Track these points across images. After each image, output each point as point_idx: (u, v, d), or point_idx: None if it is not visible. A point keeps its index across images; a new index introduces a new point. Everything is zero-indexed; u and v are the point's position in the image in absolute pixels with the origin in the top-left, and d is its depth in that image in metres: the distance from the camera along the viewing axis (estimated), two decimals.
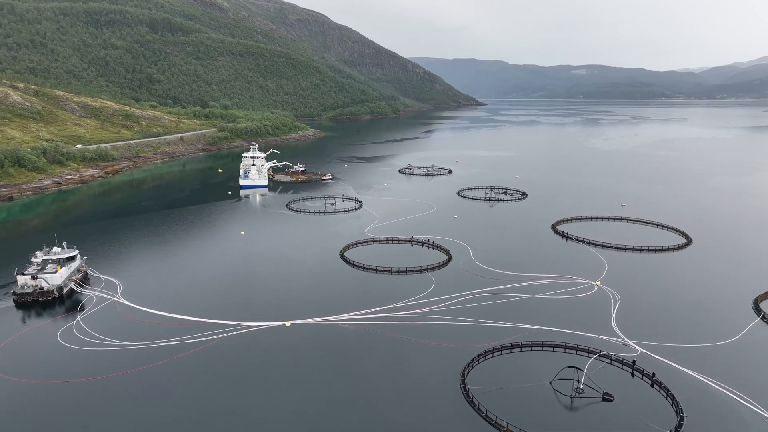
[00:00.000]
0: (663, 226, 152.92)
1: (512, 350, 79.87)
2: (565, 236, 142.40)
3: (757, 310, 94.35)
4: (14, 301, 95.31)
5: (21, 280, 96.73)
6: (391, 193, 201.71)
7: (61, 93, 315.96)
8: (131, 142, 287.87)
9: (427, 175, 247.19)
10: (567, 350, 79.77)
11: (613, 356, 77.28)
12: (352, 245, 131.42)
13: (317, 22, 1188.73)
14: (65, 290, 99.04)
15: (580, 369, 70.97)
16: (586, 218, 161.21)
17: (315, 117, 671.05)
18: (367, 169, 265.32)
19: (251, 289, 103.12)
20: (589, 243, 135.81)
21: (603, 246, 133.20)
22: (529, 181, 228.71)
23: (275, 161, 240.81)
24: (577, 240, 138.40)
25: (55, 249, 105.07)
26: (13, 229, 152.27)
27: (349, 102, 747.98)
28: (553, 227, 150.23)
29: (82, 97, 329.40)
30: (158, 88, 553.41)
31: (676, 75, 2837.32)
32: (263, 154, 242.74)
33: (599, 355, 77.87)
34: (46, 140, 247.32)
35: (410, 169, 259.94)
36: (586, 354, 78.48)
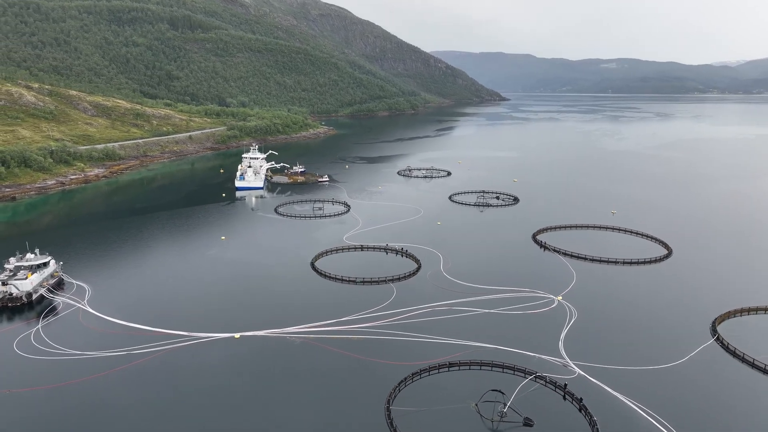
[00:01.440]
0: (647, 236, 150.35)
1: (450, 368, 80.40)
2: (543, 246, 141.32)
3: (714, 331, 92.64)
4: None
5: None
6: (383, 196, 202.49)
7: (74, 93, 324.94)
8: (139, 141, 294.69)
9: (426, 177, 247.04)
10: (505, 370, 79.97)
11: (547, 378, 77.18)
12: (326, 253, 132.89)
13: (339, 17, 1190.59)
14: (35, 296, 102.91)
15: (502, 392, 71.12)
16: (569, 227, 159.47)
17: (332, 113, 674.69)
18: (366, 171, 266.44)
19: (213, 299, 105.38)
20: (564, 254, 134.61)
21: (578, 257, 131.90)
22: (526, 185, 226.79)
23: (273, 162, 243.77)
24: (554, 250, 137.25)
25: (28, 255, 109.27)
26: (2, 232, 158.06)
27: (367, 98, 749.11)
28: (534, 236, 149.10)
29: (95, 96, 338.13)
30: (177, 84, 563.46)
31: (711, 69, 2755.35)
32: (263, 155, 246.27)
33: (535, 377, 77.86)
34: (56, 140, 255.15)
35: (409, 170, 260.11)
36: (522, 375, 78.57)
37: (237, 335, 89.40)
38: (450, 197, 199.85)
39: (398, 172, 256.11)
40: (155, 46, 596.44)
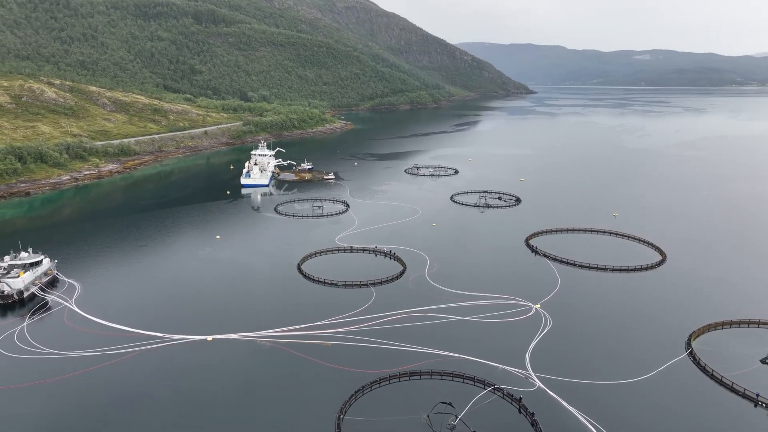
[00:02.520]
0: (643, 241, 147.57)
1: (411, 378, 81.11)
2: (534, 251, 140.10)
3: (688, 345, 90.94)
4: None
5: None
6: (384, 196, 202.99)
7: (93, 88, 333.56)
8: (155, 136, 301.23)
9: (432, 175, 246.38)
10: (465, 381, 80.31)
11: (504, 390, 77.23)
12: (315, 254, 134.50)
13: (365, 10, 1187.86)
14: (27, 294, 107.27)
15: (451, 405, 71.51)
16: (565, 230, 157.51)
17: (353, 107, 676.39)
18: (374, 168, 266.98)
19: (194, 300, 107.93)
20: (554, 259, 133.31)
21: (567, 263, 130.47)
22: (532, 185, 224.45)
23: (280, 159, 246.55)
24: (544, 255, 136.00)
25: (22, 254, 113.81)
26: (3, 228, 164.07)
27: (388, 92, 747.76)
28: (526, 240, 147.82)
29: (114, 92, 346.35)
30: (199, 79, 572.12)
31: (751, 60, 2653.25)
32: (271, 152, 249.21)
33: (493, 389, 77.98)
34: (74, 135, 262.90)
35: (417, 168, 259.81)
36: (482, 386, 78.78)
37: (209, 338, 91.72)
38: (451, 197, 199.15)
39: (405, 170, 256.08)
40: (179, 41, 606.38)
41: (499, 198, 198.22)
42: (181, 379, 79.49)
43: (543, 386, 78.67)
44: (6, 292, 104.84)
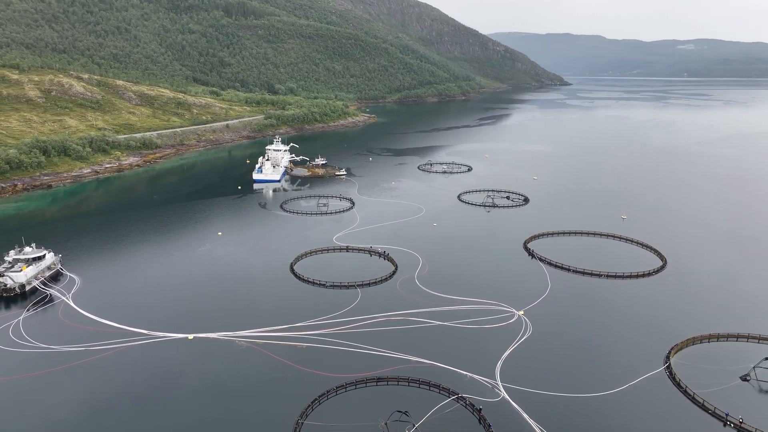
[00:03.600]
0: (646, 246, 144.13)
1: (378, 383, 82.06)
2: (531, 254, 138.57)
3: (666, 358, 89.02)
4: None
5: None
6: (391, 193, 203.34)
7: (120, 82, 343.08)
8: (177, 129, 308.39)
9: (445, 172, 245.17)
10: (432, 388, 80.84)
11: (466, 400, 77.43)
12: (310, 253, 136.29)
13: (396, 0, 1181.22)
14: (28, 288, 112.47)
15: (407, 413, 72.12)
16: (567, 233, 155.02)
17: (379, 99, 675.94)
18: (387, 164, 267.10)
19: (183, 298, 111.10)
20: (549, 263, 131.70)
21: (562, 268, 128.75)
22: (544, 184, 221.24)
23: (293, 155, 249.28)
24: (540, 259, 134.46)
25: (26, 249, 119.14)
26: (20, 221, 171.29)
27: (416, 84, 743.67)
28: (525, 243, 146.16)
29: (140, 85, 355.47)
30: (228, 71, 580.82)
31: None
32: (285, 147, 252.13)
33: (456, 398, 78.29)
34: (98, 129, 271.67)
35: (430, 165, 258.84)
36: (446, 394, 79.18)
37: (190, 336, 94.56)
38: (459, 196, 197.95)
39: (418, 167, 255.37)
40: (209, 33, 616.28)
41: (507, 197, 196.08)
42: (151, 377, 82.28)
43: (507, 397, 78.51)
44: (8, 286, 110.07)
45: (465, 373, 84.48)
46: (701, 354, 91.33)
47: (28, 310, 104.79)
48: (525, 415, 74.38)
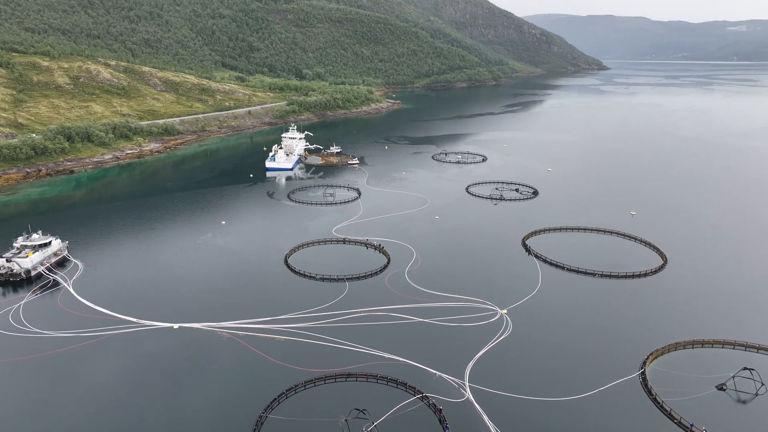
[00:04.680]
0: (648, 244, 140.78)
1: (347, 379, 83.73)
2: (528, 250, 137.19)
3: (643, 364, 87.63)
4: None
5: None
6: (400, 184, 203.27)
7: (146, 69, 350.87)
8: (200, 116, 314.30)
9: (459, 162, 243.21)
10: (398, 386, 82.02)
11: (430, 399, 78.30)
12: (306, 245, 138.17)
13: None
14: (34, 274, 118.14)
15: (363, 411, 73.46)
16: (569, 229, 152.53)
17: (407, 84, 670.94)
18: (402, 153, 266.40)
19: (177, 287, 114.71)
20: (545, 260, 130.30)
21: (557, 266, 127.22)
22: (558, 176, 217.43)
23: (307, 143, 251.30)
24: (536, 256, 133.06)
25: (33, 235, 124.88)
26: (37, 207, 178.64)
27: (445, 69, 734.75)
28: (524, 239, 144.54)
29: (166, 72, 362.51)
30: (257, 56, 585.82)
31: None
32: (300, 135, 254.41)
33: (421, 396, 79.25)
34: (123, 115, 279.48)
35: (445, 154, 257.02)
36: (412, 392, 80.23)
37: (176, 326, 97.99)
38: (467, 188, 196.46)
39: (433, 157, 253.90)
40: (240, 18, 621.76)
41: (516, 190, 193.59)
42: (131, 364, 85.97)
43: (472, 398, 79.01)
44: (15, 271, 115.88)
45: (434, 372, 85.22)
46: (681, 360, 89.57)
47: (30, 295, 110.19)
48: (485, 417, 74.85)
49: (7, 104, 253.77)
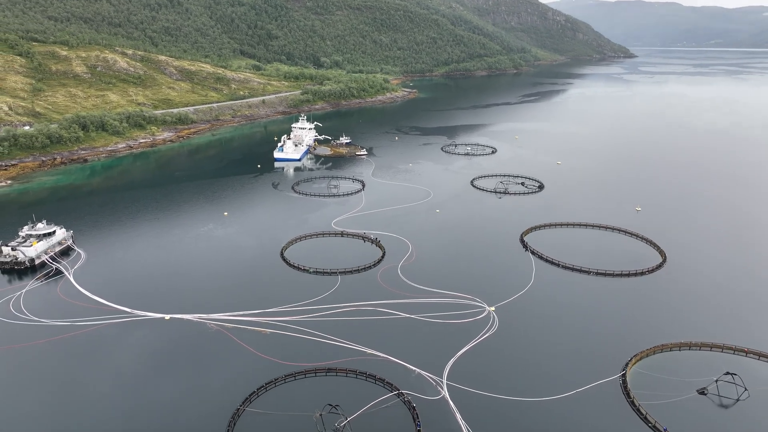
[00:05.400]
0: (648, 241, 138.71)
1: (327, 374, 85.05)
2: (525, 246, 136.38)
3: (626, 365, 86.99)
4: (1, 269, 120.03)
5: (4, 250, 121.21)
6: (405, 176, 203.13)
7: (163, 58, 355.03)
8: (214, 105, 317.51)
9: (467, 154, 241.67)
10: (377, 382, 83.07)
11: (405, 396, 79.15)
12: (304, 238, 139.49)
13: None
14: (38, 262, 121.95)
15: (336, 406, 74.67)
16: (569, 225, 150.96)
17: (426, 73, 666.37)
18: (411, 144, 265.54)
19: (173, 277, 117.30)
20: (541, 257, 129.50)
21: (552, 263, 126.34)
22: (566, 169, 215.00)
23: (315, 133, 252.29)
24: (532, 252, 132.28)
25: (38, 225, 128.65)
26: (45, 196, 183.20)
27: (465, 57, 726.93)
28: (522, 234, 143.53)
29: (182, 61, 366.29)
30: (275, 44, 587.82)
31: None
32: (311, 125, 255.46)
33: (397, 393, 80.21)
34: (138, 104, 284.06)
35: (454, 146, 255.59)
36: (389, 389, 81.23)
37: (167, 317, 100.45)
38: (472, 181, 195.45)
39: (442, 148, 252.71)
40: (258, 6, 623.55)
41: (522, 184, 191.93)
42: (117, 355, 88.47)
43: (447, 396, 79.64)
44: (20, 259, 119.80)
45: (414, 368, 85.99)
46: (665, 362, 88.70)
47: (32, 283, 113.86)
48: (458, 416, 75.47)
49: (26, 93, 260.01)
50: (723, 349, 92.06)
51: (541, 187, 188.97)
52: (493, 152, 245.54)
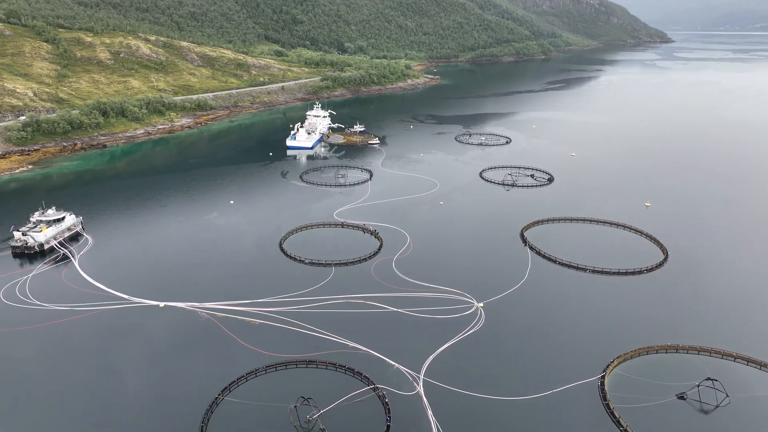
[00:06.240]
0: (652, 238, 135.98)
1: (308, 366, 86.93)
2: (525, 242, 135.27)
3: (605, 368, 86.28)
4: (12, 252, 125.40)
5: (16, 235, 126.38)
6: (414, 166, 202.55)
7: (185, 44, 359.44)
8: (233, 91, 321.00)
9: (481, 144, 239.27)
10: (355, 375, 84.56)
11: (380, 391, 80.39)
12: (304, 228, 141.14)
13: None
14: (47, 247, 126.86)
15: (307, 398, 76.37)
16: (572, 220, 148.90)
17: (451, 58, 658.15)
18: (425, 133, 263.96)
19: (170, 266, 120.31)
20: (539, 253, 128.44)
21: (549, 259, 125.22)
22: (579, 161, 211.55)
23: (329, 121, 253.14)
24: (530, 248, 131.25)
25: (48, 211, 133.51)
26: (60, 182, 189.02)
27: (492, 42, 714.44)
28: (523, 229, 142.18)
29: (203, 47, 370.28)
30: (299, 29, 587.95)
31: None
32: (325, 113, 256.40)
33: (373, 387, 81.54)
34: (159, 90, 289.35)
35: (469, 135, 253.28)
36: (366, 383, 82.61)
37: (162, 304, 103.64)
38: (481, 172, 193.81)
39: (456, 138, 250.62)
40: None
41: (532, 176, 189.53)
42: (107, 340, 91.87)
43: (422, 392, 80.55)
44: (29, 244, 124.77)
45: (393, 363, 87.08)
46: (648, 365, 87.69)
47: (41, 267, 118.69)
48: (429, 412, 76.41)
49: (51, 79, 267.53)
50: (711, 354, 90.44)
51: (550, 179, 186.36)
52: (507, 142, 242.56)
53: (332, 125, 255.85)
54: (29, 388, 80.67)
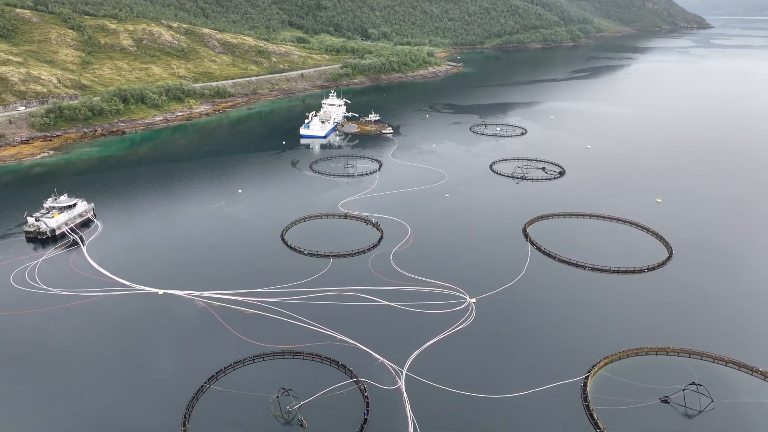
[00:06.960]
0: (658, 236, 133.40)
1: (294, 357, 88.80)
2: (526, 237, 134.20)
3: (591, 368, 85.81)
4: (25, 237, 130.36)
5: (29, 220, 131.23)
6: (424, 157, 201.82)
7: (206, 30, 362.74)
8: (253, 78, 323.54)
9: (495, 135, 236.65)
10: (339, 367, 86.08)
11: (362, 384, 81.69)
12: (308, 218, 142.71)
13: None
14: (58, 233, 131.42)
15: (288, 390, 78.11)
16: (578, 215, 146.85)
17: (477, 45, 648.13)
18: (441, 123, 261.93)
19: (173, 254, 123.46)
20: (539, 249, 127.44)
21: (549, 255, 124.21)
22: (595, 154, 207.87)
23: (345, 110, 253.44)
24: (531, 243, 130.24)
25: (60, 198, 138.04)
26: (76, 169, 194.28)
27: (519, 28, 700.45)
28: (526, 225, 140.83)
29: (224, 34, 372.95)
30: (323, 15, 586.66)
31: None
32: (340, 102, 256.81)
33: (355, 380, 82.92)
34: (179, 77, 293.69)
35: (484, 126, 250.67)
36: (349, 376, 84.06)
37: (161, 292, 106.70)
38: (492, 164, 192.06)
39: (470, 128, 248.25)
40: None
41: (543, 169, 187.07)
42: (103, 326, 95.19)
43: (403, 387, 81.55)
44: (41, 229, 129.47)
45: (378, 357, 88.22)
46: (635, 367, 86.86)
47: (51, 252, 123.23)
48: (408, 408, 77.45)
49: (75, 66, 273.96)
50: (702, 357, 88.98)
51: (562, 173, 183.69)
52: (522, 133, 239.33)
53: (347, 114, 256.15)
54: (23, 371, 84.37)
